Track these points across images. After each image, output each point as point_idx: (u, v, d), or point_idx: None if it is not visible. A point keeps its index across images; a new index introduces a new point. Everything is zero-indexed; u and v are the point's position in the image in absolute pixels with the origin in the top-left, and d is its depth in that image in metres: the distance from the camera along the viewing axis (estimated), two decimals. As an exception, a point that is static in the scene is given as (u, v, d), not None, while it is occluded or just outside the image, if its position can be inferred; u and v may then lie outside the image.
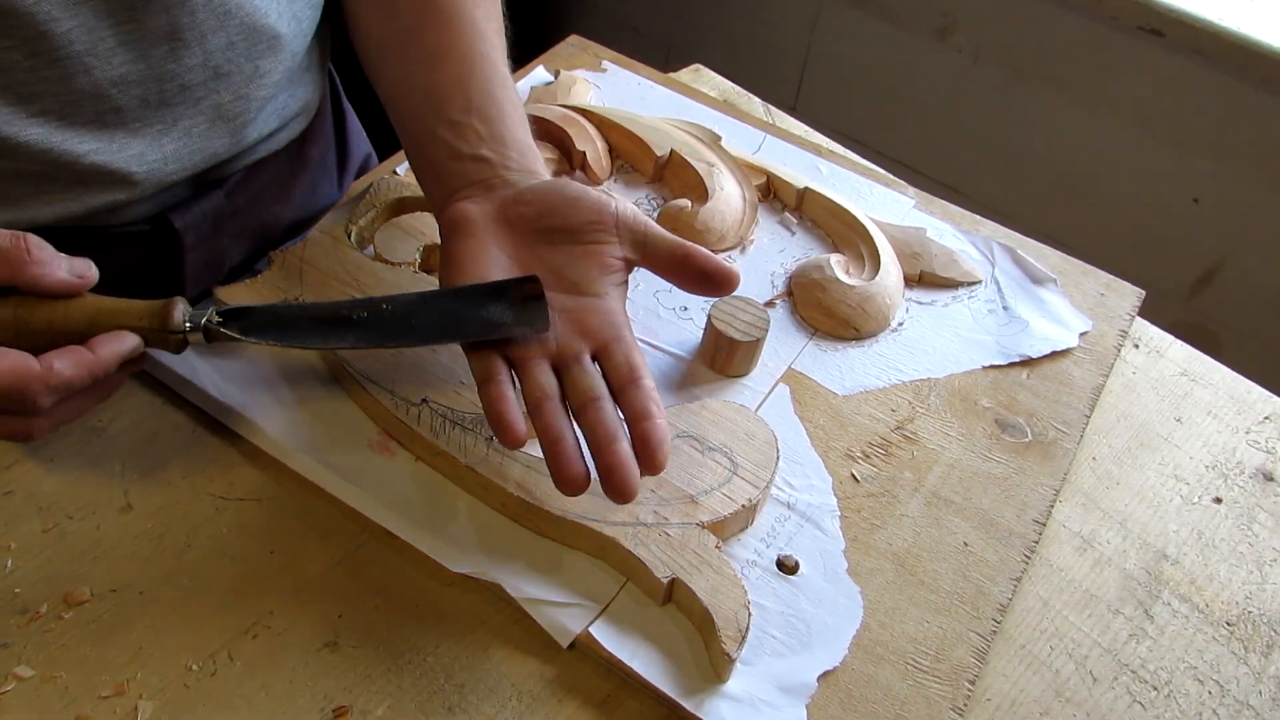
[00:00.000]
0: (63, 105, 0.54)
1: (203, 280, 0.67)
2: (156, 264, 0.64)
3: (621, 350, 0.52)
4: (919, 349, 0.67)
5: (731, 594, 0.50)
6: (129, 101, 0.56)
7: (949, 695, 0.50)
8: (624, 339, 0.53)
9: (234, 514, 0.53)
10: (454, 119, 0.58)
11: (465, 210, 0.56)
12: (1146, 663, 0.54)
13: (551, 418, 0.49)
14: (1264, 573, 0.59)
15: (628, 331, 0.53)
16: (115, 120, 0.56)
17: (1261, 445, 0.66)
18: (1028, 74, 1.40)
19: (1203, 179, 1.33)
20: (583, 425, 0.50)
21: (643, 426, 0.49)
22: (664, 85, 0.85)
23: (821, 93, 1.65)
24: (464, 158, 0.57)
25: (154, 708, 0.46)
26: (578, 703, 0.49)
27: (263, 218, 0.71)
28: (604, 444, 0.49)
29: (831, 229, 0.74)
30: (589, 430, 0.49)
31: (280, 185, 0.71)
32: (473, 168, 0.57)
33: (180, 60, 0.57)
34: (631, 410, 0.50)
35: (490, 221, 0.55)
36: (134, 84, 0.56)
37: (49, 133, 0.54)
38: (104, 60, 0.54)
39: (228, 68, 0.59)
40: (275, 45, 0.62)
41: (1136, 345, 0.72)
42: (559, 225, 0.55)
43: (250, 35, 0.60)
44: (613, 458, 0.48)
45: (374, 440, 0.57)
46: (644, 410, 0.50)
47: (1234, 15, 1.22)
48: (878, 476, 0.59)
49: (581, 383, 0.51)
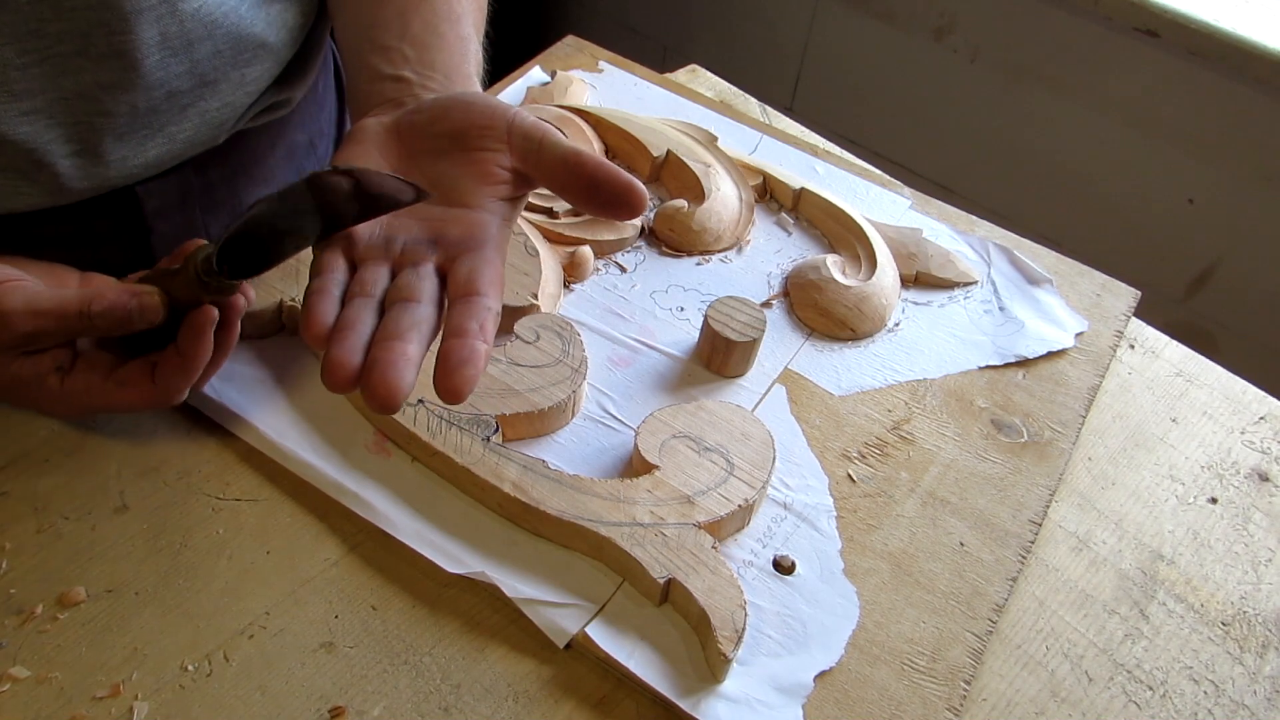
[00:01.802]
0: (51, 104, 0.54)
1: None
2: (122, 233, 0.64)
3: (469, 263, 0.47)
4: (915, 349, 0.67)
5: (728, 594, 0.50)
6: (117, 106, 0.56)
7: (945, 695, 0.50)
8: (480, 253, 0.47)
9: (230, 514, 0.53)
10: (385, 44, 0.55)
11: (362, 124, 0.53)
12: (1142, 663, 0.54)
13: (351, 309, 0.45)
14: (1259, 573, 0.59)
15: (493, 251, 0.48)
16: (103, 124, 0.56)
17: (1257, 445, 0.67)
18: (1024, 75, 1.41)
19: (1198, 179, 1.33)
20: (381, 322, 0.45)
21: (448, 343, 0.43)
22: (660, 86, 0.85)
23: (818, 93, 1.65)
24: (384, 78, 0.55)
25: (149, 708, 0.46)
26: (574, 703, 0.49)
27: (240, 194, 0.70)
28: (380, 339, 0.43)
29: (828, 229, 0.74)
30: (380, 327, 0.44)
31: (258, 163, 0.70)
32: (390, 88, 0.54)
33: (167, 68, 0.57)
34: (449, 324, 0.44)
35: (381, 131, 0.52)
36: (121, 89, 0.56)
37: (36, 131, 0.54)
38: (94, 63, 0.54)
39: (214, 75, 0.59)
40: (262, 53, 0.61)
41: (1132, 346, 0.72)
42: (446, 130, 0.51)
43: (237, 44, 0.59)
44: (380, 352, 0.42)
45: (370, 441, 0.57)
46: (459, 326, 0.44)
47: (1229, 16, 1.22)
48: (874, 477, 0.59)
49: (402, 282, 0.46)
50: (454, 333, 0.44)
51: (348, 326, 0.44)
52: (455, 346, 0.43)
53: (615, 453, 0.58)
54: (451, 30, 0.57)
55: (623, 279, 0.69)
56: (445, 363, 0.42)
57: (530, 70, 0.85)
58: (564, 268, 0.67)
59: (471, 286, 0.46)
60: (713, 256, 0.71)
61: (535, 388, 0.57)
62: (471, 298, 0.45)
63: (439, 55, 0.55)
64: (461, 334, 0.43)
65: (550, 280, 0.65)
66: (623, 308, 0.67)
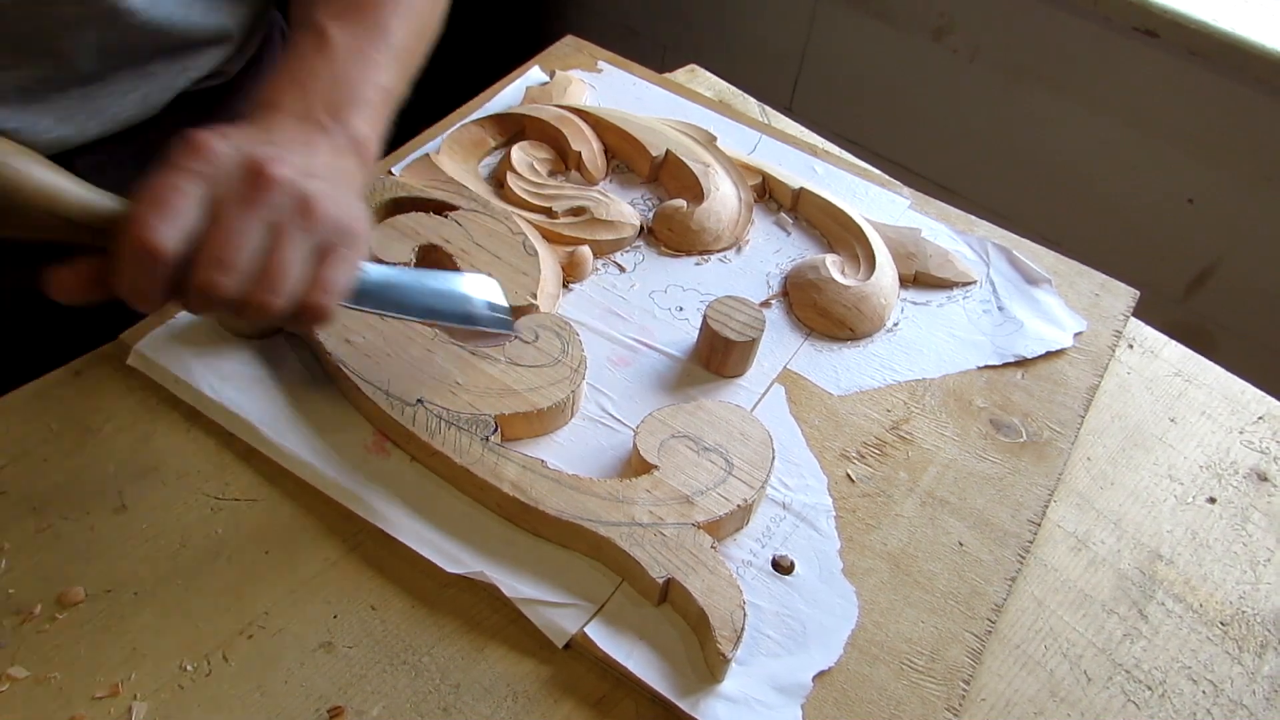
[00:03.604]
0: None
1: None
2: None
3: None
4: (914, 349, 0.67)
5: (727, 594, 0.50)
6: (55, 96, 0.57)
7: (944, 695, 0.50)
8: None
9: (229, 514, 0.53)
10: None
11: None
12: (1141, 662, 0.54)
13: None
14: (1258, 572, 0.59)
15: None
16: (41, 109, 0.57)
17: (1255, 445, 0.67)
18: (1023, 74, 1.40)
19: (1198, 179, 1.33)
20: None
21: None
22: (660, 86, 0.85)
23: (817, 93, 1.65)
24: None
25: (148, 708, 0.46)
26: (573, 703, 0.49)
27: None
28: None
29: (827, 229, 0.74)
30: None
31: (196, 126, 0.70)
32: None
33: (107, 67, 0.57)
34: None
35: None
36: (59, 85, 0.56)
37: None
38: (31, 60, 0.54)
39: (157, 70, 0.60)
40: (210, 47, 0.62)
41: (1131, 345, 0.72)
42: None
43: (183, 44, 0.60)
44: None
45: (369, 441, 0.57)
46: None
47: (1228, 16, 1.22)
48: (873, 476, 0.59)
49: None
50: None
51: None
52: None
53: (614, 452, 0.58)
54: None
55: (622, 279, 0.69)
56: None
57: (529, 70, 0.85)
58: (563, 268, 0.67)
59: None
60: (711, 256, 0.71)
61: (534, 387, 0.57)
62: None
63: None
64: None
65: (549, 280, 0.65)
66: (622, 307, 0.67)
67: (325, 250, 0.45)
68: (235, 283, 0.42)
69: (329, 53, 0.51)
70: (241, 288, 0.43)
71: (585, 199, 0.71)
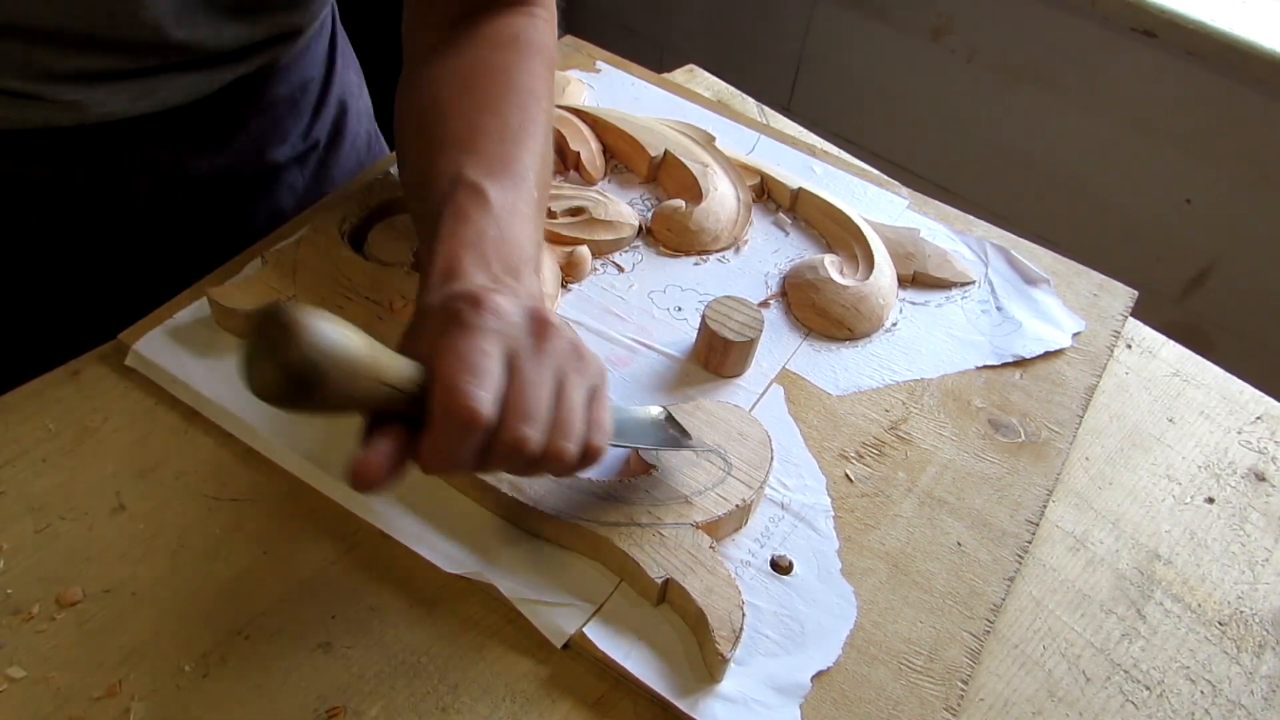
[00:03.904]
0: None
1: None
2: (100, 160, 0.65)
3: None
4: (913, 349, 0.67)
5: (725, 594, 0.50)
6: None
7: (942, 695, 0.50)
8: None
9: (227, 514, 0.53)
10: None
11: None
12: (1139, 662, 0.54)
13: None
14: (1256, 573, 0.59)
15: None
16: (100, 82, 0.60)
17: (1253, 445, 0.67)
18: (1021, 75, 1.41)
19: (1195, 180, 1.33)
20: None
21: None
22: (658, 86, 0.85)
23: (816, 93, 1.65)
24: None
25: (146, 709, 0.46)
26: (571, 703, 0.49)
27: (231, 132, 0.71)
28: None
29: (825, 229, 0.74)
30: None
31: (244, 107, 0.71)
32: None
33: (161, 74, 0.61)
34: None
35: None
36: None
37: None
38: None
39: (212, 67, 0.62)
40: (258, 53, 0.64)
41: (1129, 345, 0.72)
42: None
43: (237, 54, 0.63)
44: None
45: (368, 440, 0.57)
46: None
47: (1226, 16, 1.23)
48: (871, 477, 0.59)
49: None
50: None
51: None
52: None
53: (613, 452, 0.58)
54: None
55: (620, 279, 0.69)
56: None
57: (528, 70, 0.85)
58: (562, 268, 0.67)
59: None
60: (710, 256, 0.71)
61: (533, 388, 0.57)
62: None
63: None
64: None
65: (548, 280, 0.65)
66: (620, 307, 0.67)
67: (594, 392, 0.46)
68: (539, 435, 0.43)
69: (492, 213, 0.51)
70: (543, 439, 0.43)
71: (584, 199, 0.71)
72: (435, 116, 0.57)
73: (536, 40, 0.62)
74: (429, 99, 0.58)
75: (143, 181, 0.66)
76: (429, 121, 0.57)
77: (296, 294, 0.61)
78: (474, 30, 0.61)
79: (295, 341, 0.36)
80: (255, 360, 0.37)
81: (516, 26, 0.62)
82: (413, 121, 0.59)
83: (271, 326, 0.37)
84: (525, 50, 0.61)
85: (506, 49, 0.60)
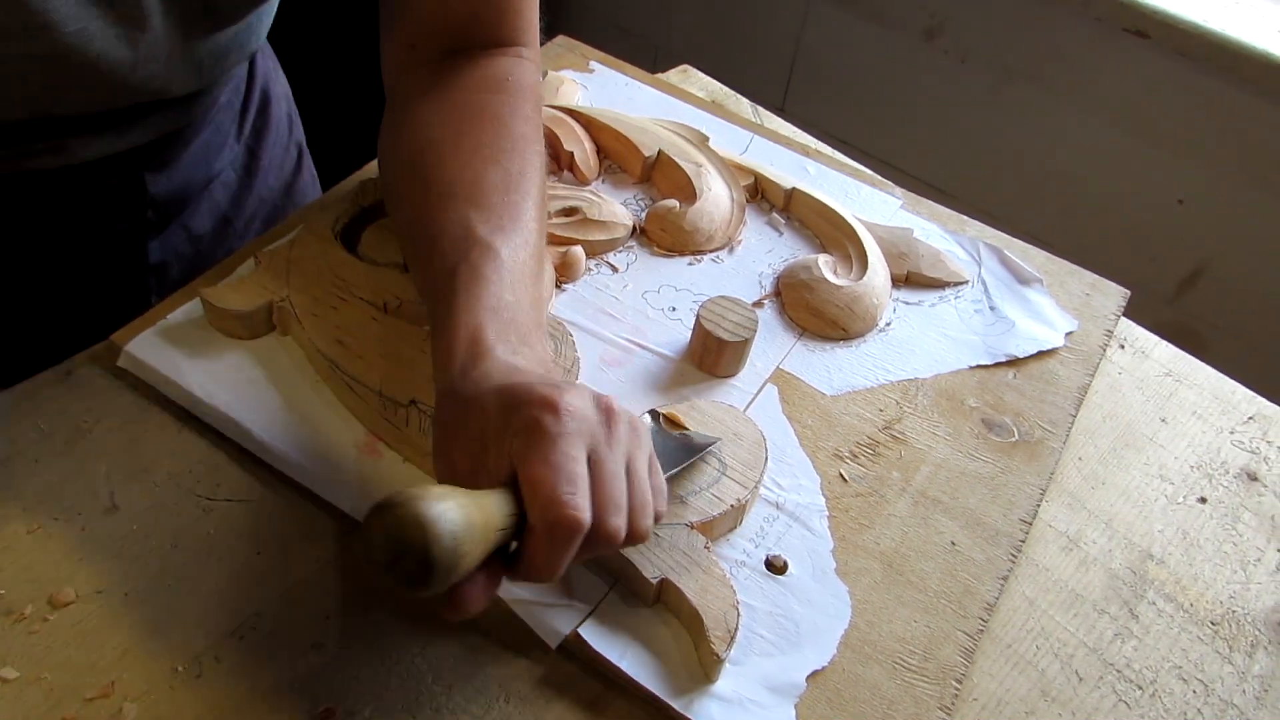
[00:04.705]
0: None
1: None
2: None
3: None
4: (906, 349, 0.67)
5: (720, 594, 0.50)
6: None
7: (936, 694, 0.50)
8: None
9: (220, 515, 0.53)
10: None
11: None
12: (1132, 662, 0.54)
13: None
14: (1248, 572, 0.60)
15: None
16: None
17: (1246, 445, 0.67)
18: (1015, 75, 1.41)
19: (1188, 180, 1.33)
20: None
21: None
22: (652, 86, 0.85)
23: (809, 93, 1.65)
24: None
25: (139, 709, 0.46)
26: (566, 703, 0.49)
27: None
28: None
29: (819, 229, 0.74)
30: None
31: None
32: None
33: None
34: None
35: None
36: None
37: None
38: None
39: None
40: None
41: (1122, 345, 0.72)
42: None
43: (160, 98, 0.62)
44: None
45: (361, 442, 0.57)
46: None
47: (1218, 17, 1.23)
48: (866, 476, 0.60)
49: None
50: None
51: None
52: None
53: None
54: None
55: (614, 279, 0.69)
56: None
57: (522, 70, 0.85)
58: (555, 268, 0.67)
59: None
60: (704, 256, 0.71)
61: (527, 388, 0.57)
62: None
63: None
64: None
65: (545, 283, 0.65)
66: (614, 308, 0.67)
67: (651, 461, 0.48)
68: (625, 522, 0.44)
69: (506, 274, 0.52)
70: (626, 524, 0.45)
71: (577, 199, 0.71)
72: (432, 161, 0.57)
73: (526, 83, 0.61)
74: (422, 141, 0.58)
75: (115, 209, 0.66)
76: (425, 165, 0.57)
77: (289, 294, 0.61)
78: (462, 72, 0.60)
79: (428, 553, 0.38)
80: (394, 570, 0.39)
81: (505, 69, 0.61)
82: (405, 165, 0.58)
83: (398, 546, 0.38)
84: (516, 93, 0.60)
85: (497, 92, 0.60)
